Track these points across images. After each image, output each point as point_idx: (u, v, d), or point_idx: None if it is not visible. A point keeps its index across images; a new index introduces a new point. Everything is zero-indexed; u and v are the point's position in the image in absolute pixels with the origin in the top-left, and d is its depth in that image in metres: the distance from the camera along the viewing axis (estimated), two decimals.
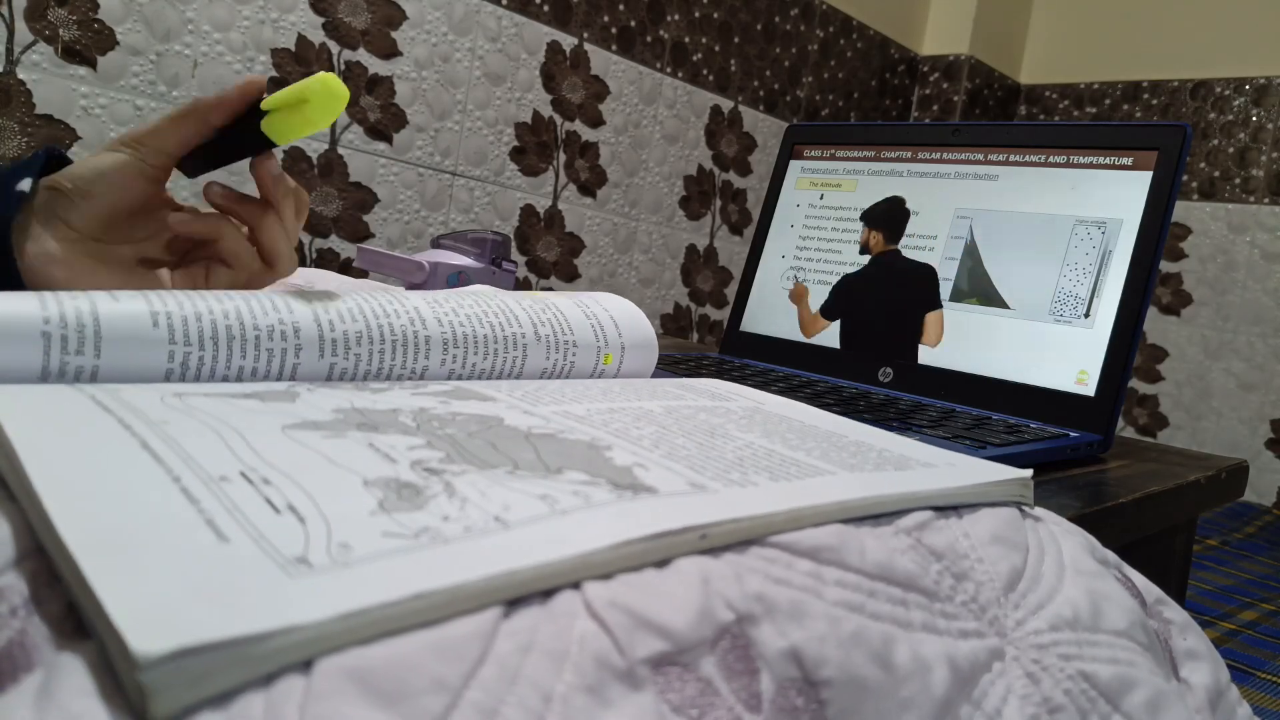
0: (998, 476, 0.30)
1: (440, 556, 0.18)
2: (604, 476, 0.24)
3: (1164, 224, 0.65)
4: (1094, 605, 0.27)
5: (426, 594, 0.17)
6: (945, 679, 0.21)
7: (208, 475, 0.20)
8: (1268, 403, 2.25)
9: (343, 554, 0.18)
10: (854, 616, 0.21)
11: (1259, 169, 2.28)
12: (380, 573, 0.17)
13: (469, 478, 0.22)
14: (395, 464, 0.22)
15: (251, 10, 1.32)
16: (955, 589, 0.24)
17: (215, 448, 0.22)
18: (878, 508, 0.26)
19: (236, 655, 0.15)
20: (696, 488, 0.24)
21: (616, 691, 0.17)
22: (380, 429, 0.25)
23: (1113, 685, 0.25)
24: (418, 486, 0.21)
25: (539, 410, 0.30)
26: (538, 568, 0.18)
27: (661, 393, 0.37)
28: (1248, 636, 1.38)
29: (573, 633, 0.17)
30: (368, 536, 0.18)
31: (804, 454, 0.29)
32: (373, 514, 0.19)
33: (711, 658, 0.18)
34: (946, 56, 2.49)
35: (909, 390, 0.72)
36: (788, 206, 0.86)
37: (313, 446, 0.23)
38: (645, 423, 0.30)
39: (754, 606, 0.20)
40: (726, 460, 0.27)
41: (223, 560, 0.17)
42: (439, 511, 0.20)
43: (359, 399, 0.29)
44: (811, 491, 0.25)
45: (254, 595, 0.16)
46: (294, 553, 0.17)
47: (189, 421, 0.24)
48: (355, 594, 0.16)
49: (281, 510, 0.19)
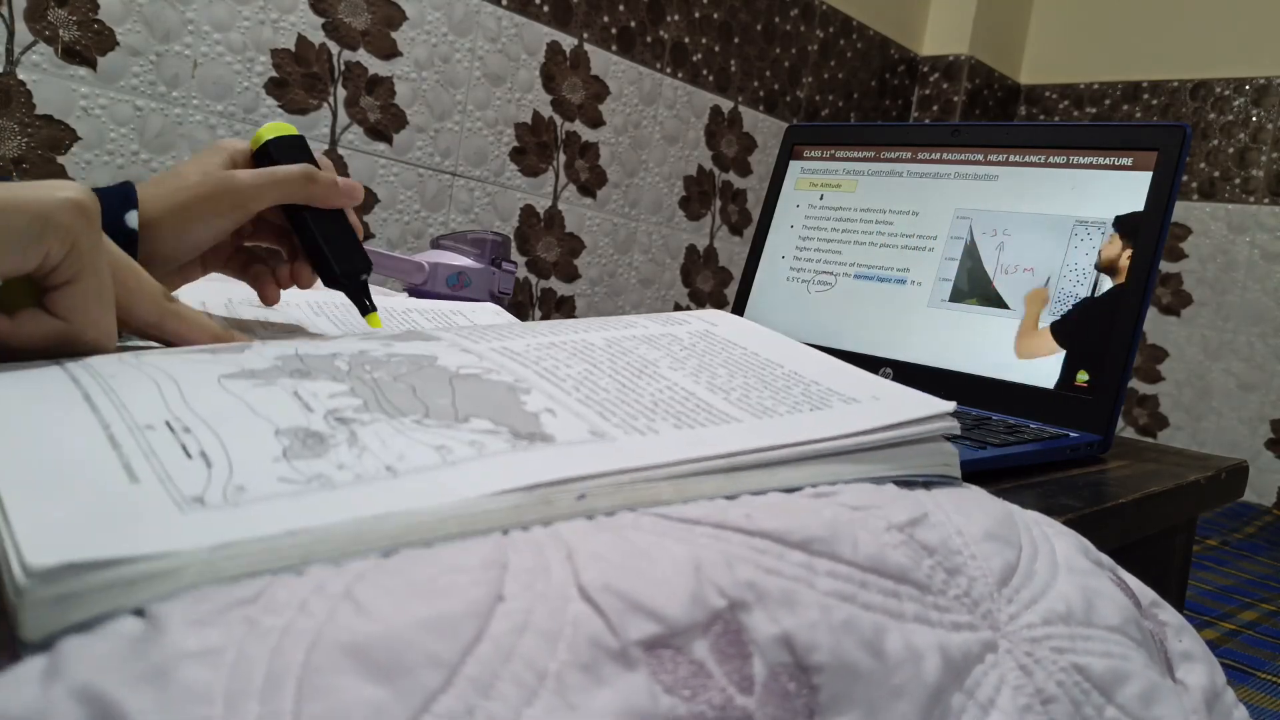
0: (918, 411, 0.30)
1: (322, 500, 0.19)
2: (507, 425, 0.25)
3: (1164, 224, 0.65)
4: (1087, 601, 0.27)
5: (298, 531, 0.18)
6: (937, 667, 0.22)
7: (135, 423, 0.22)
8: (1268, 403, 2.25)
9: (236, 495, 0.19)
10: (845, 606, 0.21)
11: (1259, 169, 2.28)
12: (263, 512, 0.19)
13: (375, 427, 0.24)
14: (311, 413, 0.24)
15: (251, 10, 1.32)
16: (948, 583, 0.24)
17: (150, 399, 0.24)
18: (768, 459, 0.26)
19: (115, 574, 0.16)
20: (596, 436, 0.25)
21: (609, 670, 0.17)
22: (311, 375, 0.27)
23: (1106, 677, 0.25)
24: (322, 435, 0.23)
25: (477, 348, 0.31)
26: (410, 513, 0.19)
27: (614, 323, 0.38)
28: (1247, 637, 1.38)
29: (566, 614, 0.18)
30: (264, 481, 0.20)
31: (722, 397, 0.30)
32: (275, 460, 0.21)
33: (704, 641, 0.19)
34: (946, 57, 2.49)
35: None
36: (788, 207, 0.86)
37: (240, 395, 0.25)
38: (579, 359, 0.31)
39: (746, 593, 0.20)
40: (640, 404, 0.28)
41: (129, 497, 0.19)
42: (336, 460, 0.21)
43: (305, 346, 0.30)
44: (705, 443, 0.26)
45: (145, 526, 0.17)
46: (193, 493, 0.19)
47: (135, 375, 0.26)
48: (233, 529, 0.18)
49: (193, 456, 0.21)
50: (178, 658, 0.15)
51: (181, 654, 0.15)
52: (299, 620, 0.16)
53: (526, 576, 0.18)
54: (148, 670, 0.15)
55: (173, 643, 0.15)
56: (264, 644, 0.15)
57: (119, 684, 0.14)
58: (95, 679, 0.14)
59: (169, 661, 0.15)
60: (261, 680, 0.15)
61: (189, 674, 0.15)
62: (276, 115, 1.37)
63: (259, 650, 0.15)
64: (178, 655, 0.15)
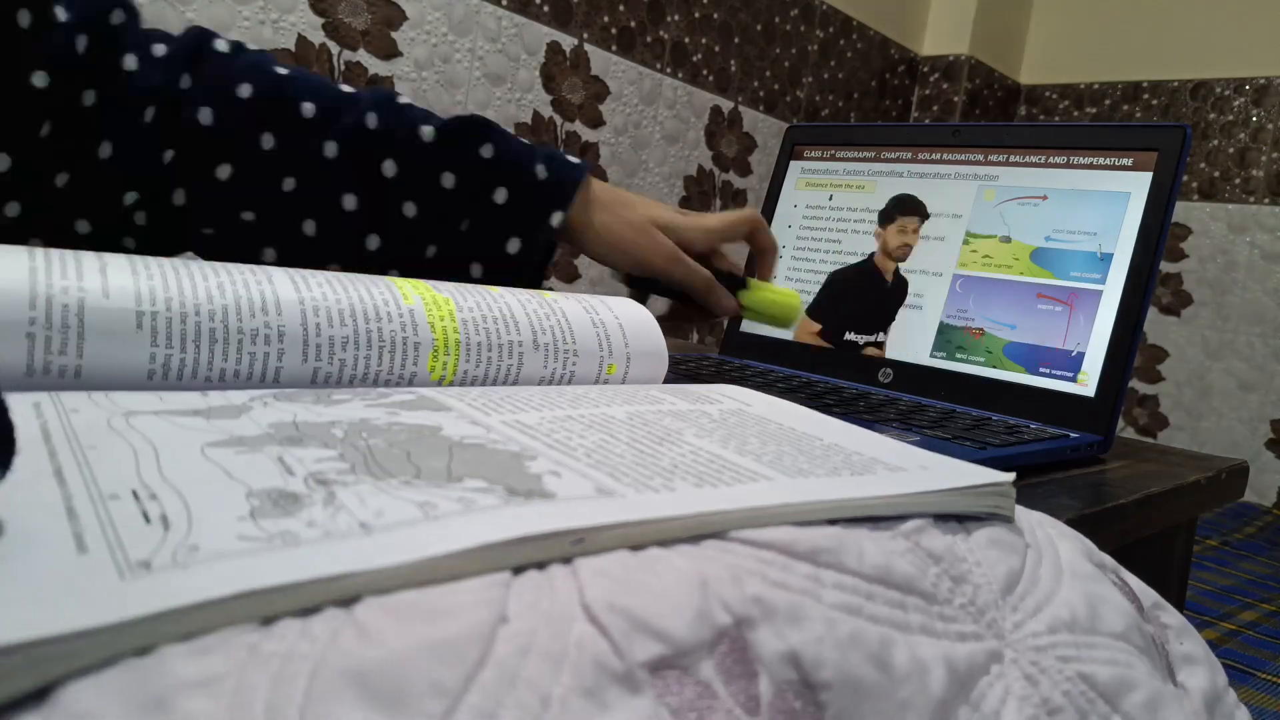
0: (973, 480, 0.29)
1: (281, 559, 0.18)
2: (503, 484, 0.23)
3: (1164, 225, 0.65)
4: (1091, 608, 0.27)
5: (247, 593, 0.17)
6: (943, 680, 0.21)
7: (100, 494, 0.21)
8: (1268, 403, 2.25)
9: (188, 556, 0.18)
10: (852, 619, 0.21)
11: (1259, 169, 2.28)
12: (212, 573, 0.17)
13: (357, 488, 0.22)
14: (291, 476, 0.22)
15: (251, 10, 1.32)
16: (953, 591, 0.24)
17: (124, 468, 0.22)
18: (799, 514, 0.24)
19: (21, 660, 0.15)
20: (603, 493, 0.23)
21: (614, 694, 0.17)
22: (303, 443, 0.25)
23: (1111, 686, 0.25)
24: (297, 495, 0.21)
25: (487, 420, 0.30)
26: (371, 572, 0.18)
27: (641, 397, 0.36)
28: (1248, 637, 1.38)
29: (570, 636, 0.17)
30: (221, 540, 0.18)
31: (752, 459, 0.28)
32: (240, 520, 0.19)
33: (710, 661, 0.18)
34: (946, 57, 2.49)
35: (909, 391, 0.72)
36: (787, 207, 0.86)
37: (220, 463, 0.23)
38: (596, 430, 0.30)
39: (752, 609, 0.20)
40: (659, 467, 0.26)
41: (72, 570, 0.17)
42: (306, 518, 0.20)
43: (307, 412, 0.29)
44: (727, 499, 0.24)
45: (74, 599, 0.16)
46: (140, 557, 0.17)
47: (117, 444, 0.24)
48: (174, 594, 0.16)
49: (153, 521, 0.19)
50: (178, 687, 0.15)
51: (181, 683, 0.15)
52: (300, 646, 0.16)
53: (530, 594, 0.18)
54: (147, 700, 0.14)
55: (172, 670, 0.15)
56: (265, 671, 0.15)
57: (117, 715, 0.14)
58: (94, 711, 0.14)
59: (169, 691, 0.14)
60: (263, 711, 0.14)
61: (189, 704, 0.14)
62: None
63: (260, 678, 0.15)
64: (178, 684, 0.15)
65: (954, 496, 0.28)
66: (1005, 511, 0.30)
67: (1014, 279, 0.70)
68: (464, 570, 0.19)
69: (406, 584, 0.18)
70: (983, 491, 0.29)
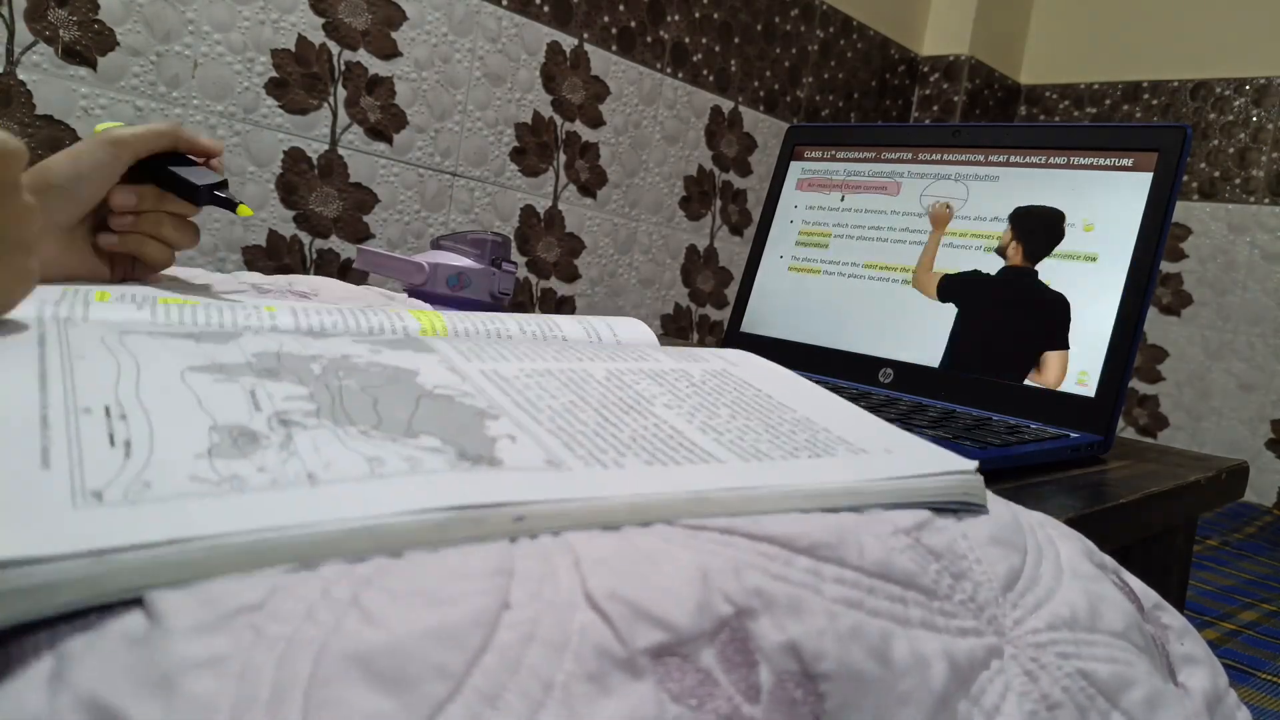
0: (934, 468, 0.28)
1: (225, 506, 0.18)
2: (455, 445, 0.23)
3: (1164, 225, 0.65)
4: (1091, 606, 0.27)
5: (185, 539, 0.17)
6: (944, 675, 0.22)
7: (74, 406, 0.21)
8: (1268, 403, 2.25)
9: (138, 492, 0.18)
10: (852, 612, 0.21)
11: (1259, 169, 2.28)
12: (156, 514, 0.17)
13: (316, 433, 0.22)
14: (257, 412, 0.23)
15: (252, 11, 1.32)
16: (954, 588, 0.24)
17: (104, 383, 0.23)
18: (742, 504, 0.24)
19: None
20: (552, 465, 0.23)
21: (616, 680, 0.17)
22: (278, 376, 0.26)
23: (1111, 683, 0.25)
24: (257, 435, 0.21)
25: (465, 367, 0.30)
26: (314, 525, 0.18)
27: (626, 354, 0.36)
28: (1248, 637, 1.38)
29: (573, 623, 0.18)
30: (173, 478, 0.19)
31: (713, 437, 0.28)
32: (197, 457, 0.20)
33: (711, 649, 0.19)
34: (947, 57, 2.49)
35: (910, 391, 0.72)
36: (788, 207, 0.86)
37: (195, 389, 0.23)
38: (569, 390, 0.29)
39: (752, 601, 0.20)
40: (617, 439, 0.26)
41: (31, 485, 0.17)
42: (259, 462, 0.20)
43: (293, 344, 0.29)
44: (672, 480, 0.24)
45: (31, 520, 0.16)
46: (95, 486, 0.18)
47: (105, 358, 0.25)
48: (116, 531, 0.16)
49: (116, 444, 0.19)
50: (184, 667, 0.15)
51: (188, 663, 0.15)
52: (305, 628, 0.16)
53: (533, 584, 0.18)
54: (154, 679, 0.14)
55: (178, 650, 0.15)
56: (271, 653, 0.15)
57: (125, 694, 0.14)
58: (101, 688, 0.14)
59: (175, 670, 0.15)
60: (268, 691, 0.14)
61: (195, 684, 0.14)
62: (277, 115, 1.37)
63: (266, 659, 0.15)
64: (184, 664, 0.15)
65: (916, 482, 0.27)
66: (976, 500, 0.29)
67: None
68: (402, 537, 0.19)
69: (345, 548, 0.18)
70: (948, 479, 0.28)
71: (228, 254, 1.35)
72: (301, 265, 1.42)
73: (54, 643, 0.15)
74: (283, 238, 1.40)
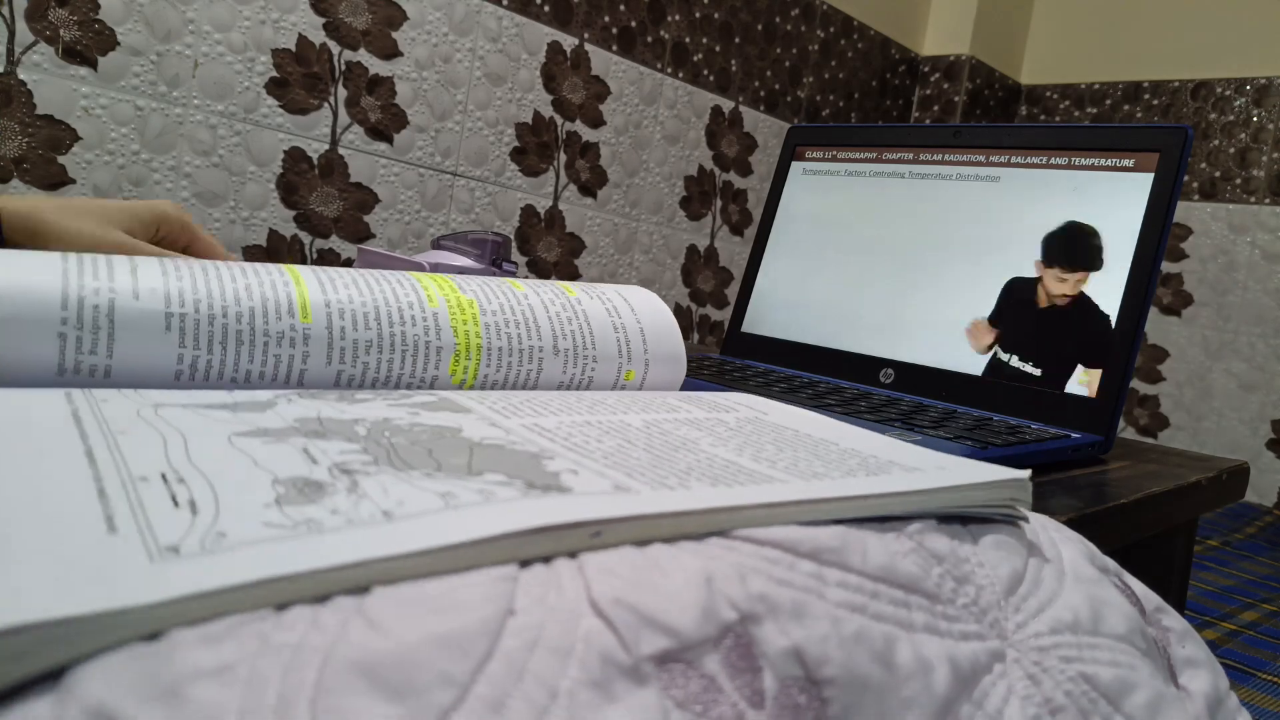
0: (989, 477, 0.29)
1: (305, 546, 0.18)
2: (522, 478, 0.23)
3: (1165, 226, 0.65)
4: (1094, 610, 0.27)
5: (273, 579, 0.17)
6: (947, 679, 0.22)
7: (130, 476, 0.21)
8: (1268, 403, 2.25)
9: (215, 542, 0.18)
10: (856, 617, 0.21)
11: (1260, 169, 2.28)
12: (238, 560, 0.17)
13: (380, 478, 0.22)
14: (315, 465, 0.23)
15: (252, 10, 1.32)
16: (956, 591, 0.24)
17: (153, 453, 0.23)
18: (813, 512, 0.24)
19: (61, 633, 0.15)
20: (620, 490, 0.23)
21: (621, 687, 0.17)
22: (327, 436, 0.26)
23: (1114, 687, 0.25)
24: (321, 484, 0.22)
25: (507, 423, 0.30)
26: (390, 558, 0.18)
27: (657, 405, 0.36)
28: (1248, 637, 1.38)
29: (578, 630, 0.18)
30: (248, 527, 0.19)
31: (767, 464, 0.28)
32: (266, 507, 0.20)
33: (715, 655, 0.19)
34: (947, 57, 2.49)
35: (910, 391, 0.72)
36: (789, 207, 0.86)
37: (247, 451, 0.24)
38: (613, 436, 0.30)
39: (757, 606, 0.20)
40: (674, 469, 0.26)
41: (102, 550, 0.17)
42: (330, 506, 0.20)
43: (330, 409, 0.29)
44: (737, 495, 0.24)
45: (107, 580, 0.16)
46: (169, 542, 0.18)
47: (146, 431, 0.25)
48: (201, 578, 0.17)
49: (181, 505, 0.20)
50: (191, 675, 0.15)
51: (194, 672, 0.15)
52: (311, 636, 0.16)
53: (538, 589, 0.18)
54: (160, 688, 0.14)
55: (185, 659, 0.15)
56: (277, 661, 0.15)
57: (131, 703, 0.14)
58: (108, 698, 0.14)
59: (181, 679, 0.15)
60: (274, 700, 0.15)
61: (202, 693, 0.14)
62: (277, 115, 1.37)
63: (272, 668, 0.15)
64: (190, 673, 0.15)
65: (971, 491, 0.28)
66: (1022, 505, 0.30)
67: None
68: (482, 559, 0.19)
69: (428, 572, 0.18)
70: (999, 485, 0.29)
71: (228, 254, 1.35)
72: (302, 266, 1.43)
73: None
74: (283, 238, 1.40)
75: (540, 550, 0.20)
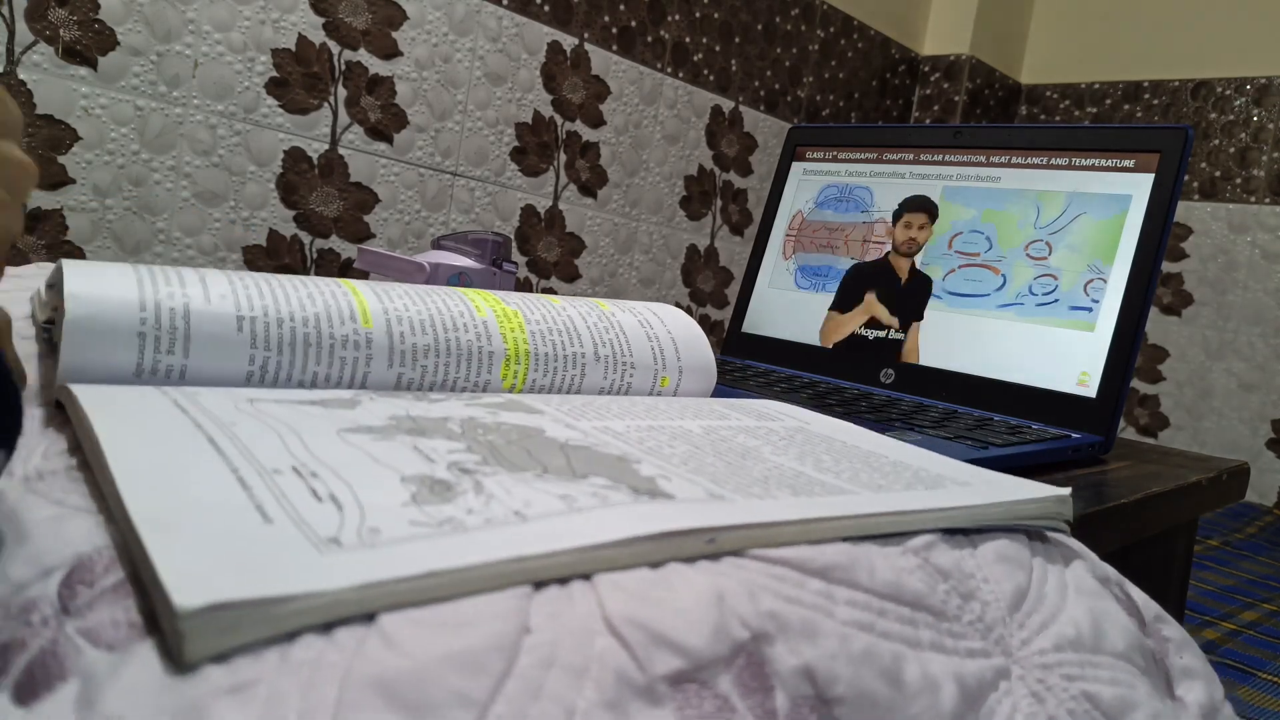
0: (1035, 494, 0.31)
1: (457, 543, 0.20)
2: (625, 482, 0.25)
3: (1165, 226, 0.65)
4: (1095, 626, 0.27)
5: (438, 572, 0.18)
6: (953, 697, 0.22)
7: (263, 468, 0.22)
8: (1269, 403, 2.25)
9: (371, 537, 0.19)
10: (864, 635, 0.21)
11: (1260, 169, 2.28)
12: (401, 553, 0.19)
13: (498, 478, 0.24)
14: (433, 464, 0.24)
15: (252, 10, 1.32)
16: (962, 608, 0.25)
17: (274, 446, 0.24)
18: (893, 524, 0.26)
19: (264, 612, 0.16)
20: (714, 497, 0.25)
21: (636, 708, 0.17)
22: (427, 434, 0.27)
23: (1115, 706, 0.25)
24: (449, 483, 0.23)
25: (580, 425, 0.32)
26: (546, 555, 0.20)
27: (706, 412, 0.38)
28: (1248, 637, 1.38)
29: (593, 649, 0.18)
30: (396, 523, 0.20)
31: (832, 476, 0.30)
32: (404, 505, 0.21)
33: (728, 675, 0.19)
34: (947, 56, 2.49)
35: (911, 391, 0.72)
36: (789, 207, 0.86)
37: (361, 447, 0.25)
38: (680, 442, 0.32)
39: (768, 625, 0.20)
40: (752, 477, 0.28)
41: (265, 538, 0.19)
42: (464, 505, 0.22)
43: (414, 408, 0.31)
44: (827, 506, 0.26)
45: (286, 566, 0.18)
46: (328, 534, 0.19)
47: (254, 423, 0.26)
48: (375, 569, 0.18)
49: (323, 499, 0.21)
50: (211, 694, 0.15)
51: (214, 690, 0.15)
52: (328, 654, 0.16)
53: (551, 606, 0.18)
54: (181, 706, 0.15)
55: (205, 678, 0.15)
56: (295, 679, 0.15)
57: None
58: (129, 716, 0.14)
59: (202, 697, 0.15)
60: (295, 718, 0.15)
61: (222, 711, 0.15)
62: (277, 115, 1.37)
63: (290, 686, 0.15)
64: (211, 692, 0.15)
65: (1025, 507, 0.30)
66: (1066, 518, 0.32)
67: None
68: (615, 561, 0.21)
69: (571, 571, 0.20)
70: (1050, 503, 0.31)
71: (228, 253, 1.35)
72: (302, 265, 1.42)
73: (80, 667, 0.15)
74: (283, 237, 1.40)
75: (663, 555, 0.21)
